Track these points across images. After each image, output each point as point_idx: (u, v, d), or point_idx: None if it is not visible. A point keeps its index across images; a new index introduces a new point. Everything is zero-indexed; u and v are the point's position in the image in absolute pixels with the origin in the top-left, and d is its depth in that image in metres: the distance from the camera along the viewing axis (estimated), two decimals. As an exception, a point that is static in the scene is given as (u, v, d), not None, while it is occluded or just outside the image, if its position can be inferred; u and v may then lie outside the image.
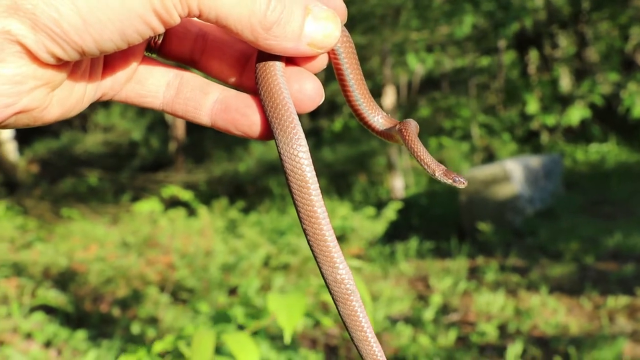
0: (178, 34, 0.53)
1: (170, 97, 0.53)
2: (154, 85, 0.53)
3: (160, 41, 0.53)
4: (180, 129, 11.68)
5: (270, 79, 0.49)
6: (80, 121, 14.36)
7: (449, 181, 0.56)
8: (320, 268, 0.49)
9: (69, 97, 0.48)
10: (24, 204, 8.32)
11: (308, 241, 0.49)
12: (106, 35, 0.43)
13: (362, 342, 0.50)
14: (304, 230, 0.48)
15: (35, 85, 0.44)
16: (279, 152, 0.48)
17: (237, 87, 0.54)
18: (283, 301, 1.50)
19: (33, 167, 11.65)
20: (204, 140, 13.02)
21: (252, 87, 0.52)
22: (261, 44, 0.48)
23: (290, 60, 0.51)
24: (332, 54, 0.52)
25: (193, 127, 13.06)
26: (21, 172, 10.12)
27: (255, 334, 1.63)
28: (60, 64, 0.45)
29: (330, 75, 0.52)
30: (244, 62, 0.53)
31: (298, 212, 0.48)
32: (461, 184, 0.56)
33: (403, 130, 0.56)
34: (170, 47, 0.54)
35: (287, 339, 1.45)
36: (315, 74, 0.52)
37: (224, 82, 0.54)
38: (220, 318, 1.61)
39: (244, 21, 0.46)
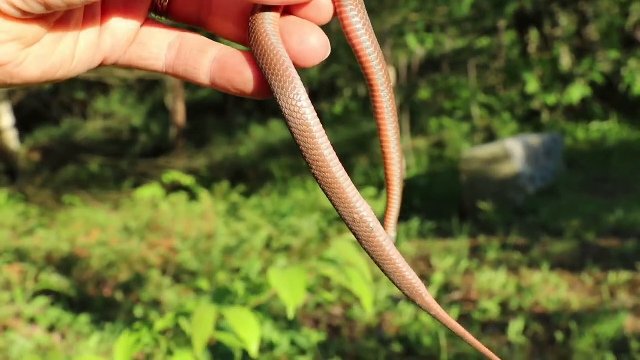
0: None
1: (172, 59, 0.51)
2: (156, 47, 0.51)
3: (167, 3, 0.51)
4: (180, 115, 11.65)
5: (258, 28, 0.46)
6: (80, 108, 14.33)
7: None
8: (337, 210, 0.47)
9: (50, 55, 0.46)
10: (25, 192, 8.34)
11: (320, 185, 0.46)
12: None
13: (393, 274, 0.50)
14: (314, 175, 0.45)
15: (3, 39, 0.42)
16: (276, 100, 0.45)
17: (242, 44, 0.51)
18: (285, 277, 1.51)
19: (34, 155, 11.65)
20: (205, 125, 13.01)
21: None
22: None
23: (291, 12, 0.48)
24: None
25: (193, 113, 13.04)
26: (22, 160, 10.13)
27: (257, 309, 1.64)
28: (30, 19, 0.43)
29: (330, 59, 0.47)
30: (246, 18, 0.50)
31: (305, 158, 0.45)
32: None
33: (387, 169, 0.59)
34: (177, 8, 0.51)
35: (291, 314, 1.46)
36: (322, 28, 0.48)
37: (231, 40, 0.52)
38: (221, 294, 1.61)
39: None
